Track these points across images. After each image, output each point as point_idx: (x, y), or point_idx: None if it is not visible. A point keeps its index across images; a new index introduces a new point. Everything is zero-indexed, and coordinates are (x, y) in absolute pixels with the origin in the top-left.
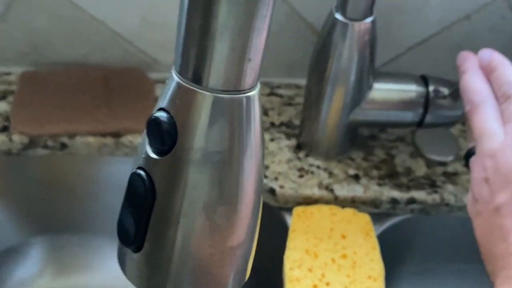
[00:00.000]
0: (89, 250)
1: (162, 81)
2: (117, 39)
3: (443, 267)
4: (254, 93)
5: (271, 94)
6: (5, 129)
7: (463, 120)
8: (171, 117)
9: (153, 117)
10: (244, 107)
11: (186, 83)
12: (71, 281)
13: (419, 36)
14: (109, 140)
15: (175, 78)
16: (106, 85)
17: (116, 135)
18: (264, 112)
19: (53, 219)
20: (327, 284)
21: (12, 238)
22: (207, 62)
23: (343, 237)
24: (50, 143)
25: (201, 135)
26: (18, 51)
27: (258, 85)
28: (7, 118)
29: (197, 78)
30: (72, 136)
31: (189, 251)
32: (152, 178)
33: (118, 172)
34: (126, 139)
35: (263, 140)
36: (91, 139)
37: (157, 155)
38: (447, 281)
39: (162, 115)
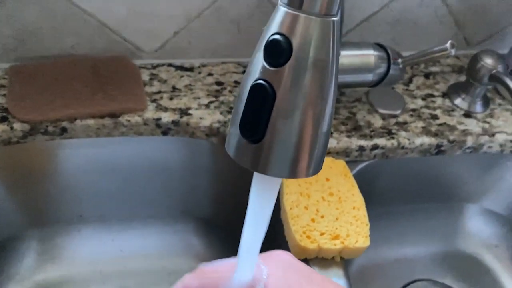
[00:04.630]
0: (78, 239)
1: (145, 67)
2: (105, 29)
3: (396, 209)
4: (337, 18)
5: None
6: (4, 119)
7: (405, 81)
8: (286, 37)
9: (271, 39)
10: (332, 27)
11: (293, 10)
12: (60, 271)
13: (364, 14)
14: (107, 121)
15: (282, 9)
16: (96, 72)
17: (114, 115)
18: None
19: (45, 211)
20: (322, 216)
21: (7, 230)
22: None
23: (327, 179)
24: (50, 128)
25: (308, 48)
26: (4, 47)
27: (339, 15)
28: (4, 109)
29: (300, 5)
30: (72, 120)
31: (299, 136)
32: (272, 84)
33: (114, 153)
34: (124, 118)
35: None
36: (90, 121)
37: (273, 67)
38: (400, 221)
39: (278, 37)
